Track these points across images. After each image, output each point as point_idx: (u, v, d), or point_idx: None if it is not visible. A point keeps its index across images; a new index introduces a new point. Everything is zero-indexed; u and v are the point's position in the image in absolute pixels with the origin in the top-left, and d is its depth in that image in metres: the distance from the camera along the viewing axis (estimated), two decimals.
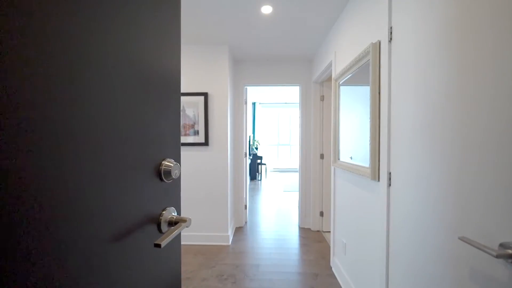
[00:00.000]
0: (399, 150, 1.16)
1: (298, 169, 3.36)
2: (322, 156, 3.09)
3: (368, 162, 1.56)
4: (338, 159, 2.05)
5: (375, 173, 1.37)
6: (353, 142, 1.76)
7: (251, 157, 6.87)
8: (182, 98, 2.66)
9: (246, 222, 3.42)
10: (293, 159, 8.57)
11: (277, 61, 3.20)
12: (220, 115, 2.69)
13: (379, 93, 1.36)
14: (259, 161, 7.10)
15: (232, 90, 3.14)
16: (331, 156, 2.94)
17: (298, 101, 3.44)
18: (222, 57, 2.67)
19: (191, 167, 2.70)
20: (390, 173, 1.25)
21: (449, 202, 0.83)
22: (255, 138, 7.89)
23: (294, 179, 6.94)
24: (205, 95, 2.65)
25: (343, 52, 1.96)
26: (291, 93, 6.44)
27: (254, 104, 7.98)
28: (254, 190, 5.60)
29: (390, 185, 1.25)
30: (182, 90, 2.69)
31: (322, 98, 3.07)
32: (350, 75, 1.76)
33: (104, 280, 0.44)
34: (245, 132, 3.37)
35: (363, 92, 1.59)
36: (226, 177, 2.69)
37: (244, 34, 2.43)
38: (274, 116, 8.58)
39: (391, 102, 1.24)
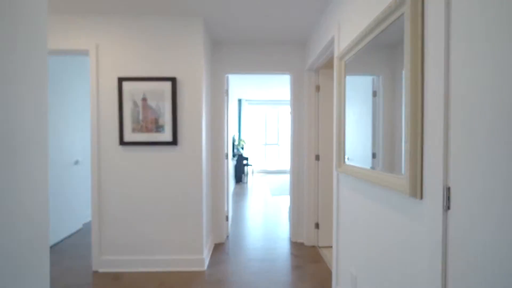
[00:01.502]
0: (472, 149, 0.67)
1: (288, 171, 2.87)
2: (317, 158, 2.61)
3: (370, 164, 1.22)
4: (344, 162, 1.57)
5: (415, 186, 0.88)
6: (354, 139, 1.37)
7: (236, 158, 6.32)
8: (142, 85, 2.07)
9: (228, 236, 2.88)
10: (282, 160, 8.11)
11: (265, 45, 2.69)
12: (193, 107, 2.13)
13: (421, 61, 0.87)
14: (245, 162, 6.56)
15: (210, 79, 2.59)
16: (333, 158, 2.47)
17: (289, 94, 2.96)
18: (195, 33, 2.11)
19: (154, 172, 2.12)
20: (448, 189, 0.76)
21: None
22: (241, 138, 7.35)
23: (282, 181, 6.47)
24: (173, 80, 2.08)
25: (352, 19, 1.47)
26: (280, 90, 5.96)
27: (240, 101, 7.44)
28: (239, 195, 5.06)
29: (449, 208, 0.76)
30: (142, 74, 2.10)
31: (318, 89, 2.59)
32: (362, 47, 1.27)
33: None
34: (226, 130, 2.83)
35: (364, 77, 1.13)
36: (200, 184, 2.13)
37: (224, 3, 1.89)
38: (261, 114, 8.08)
39: (449, 73, 0.75)
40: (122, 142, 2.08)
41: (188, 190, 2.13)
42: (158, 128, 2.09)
